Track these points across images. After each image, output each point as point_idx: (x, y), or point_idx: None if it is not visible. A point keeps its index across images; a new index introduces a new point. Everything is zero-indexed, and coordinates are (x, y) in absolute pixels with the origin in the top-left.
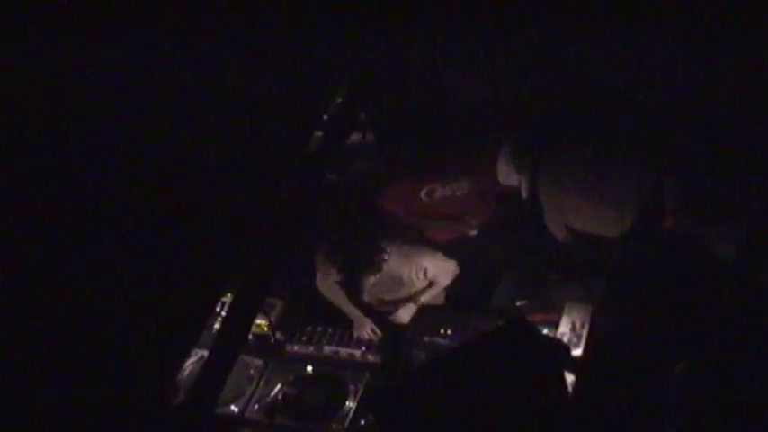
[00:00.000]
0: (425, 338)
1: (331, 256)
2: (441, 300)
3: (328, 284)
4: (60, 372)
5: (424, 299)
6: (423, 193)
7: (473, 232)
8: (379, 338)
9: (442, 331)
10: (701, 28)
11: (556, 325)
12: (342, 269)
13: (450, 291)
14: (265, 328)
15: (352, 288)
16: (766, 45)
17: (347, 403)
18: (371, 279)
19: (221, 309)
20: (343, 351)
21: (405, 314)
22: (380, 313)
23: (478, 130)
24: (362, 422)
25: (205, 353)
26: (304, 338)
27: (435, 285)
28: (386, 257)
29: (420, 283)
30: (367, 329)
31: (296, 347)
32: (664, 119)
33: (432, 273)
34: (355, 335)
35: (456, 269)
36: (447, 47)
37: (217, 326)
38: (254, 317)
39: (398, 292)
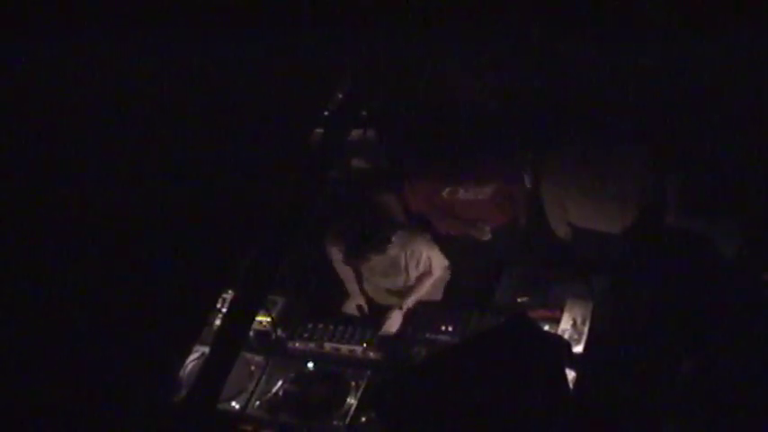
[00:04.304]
0: (426, 335)
1: (343, 233)
2: (438, 296)
3: (338, 261)
4: (62, 369)
5: (414, 297)
6: (445, 192)
7: (485, 238)
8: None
9: (443, 328)
10: (702, 26)
11: (557, 322)
12: (350, 248)
13: (447, 288)
14: (267, 325)
15: (354, 266)
16: (766, 44)
17: (348, 400)
18: (372, 261)
19: (223, 306)
20: (345, 348)
21: (393, 324)
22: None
23: (510, 135)
24: (363, 419)
25: (207, 350)
26: (305, 335)
27: (425, 280)
28: (391, 242)
29: (413, 272)
30: (353, 305)
31: (297, 344)
32: (665, 116)
33: (424, 264)
34: (343, 308)
35: (447, 268)
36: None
37: (218, 323)
38: (256, 314)
39: (396, 278)
